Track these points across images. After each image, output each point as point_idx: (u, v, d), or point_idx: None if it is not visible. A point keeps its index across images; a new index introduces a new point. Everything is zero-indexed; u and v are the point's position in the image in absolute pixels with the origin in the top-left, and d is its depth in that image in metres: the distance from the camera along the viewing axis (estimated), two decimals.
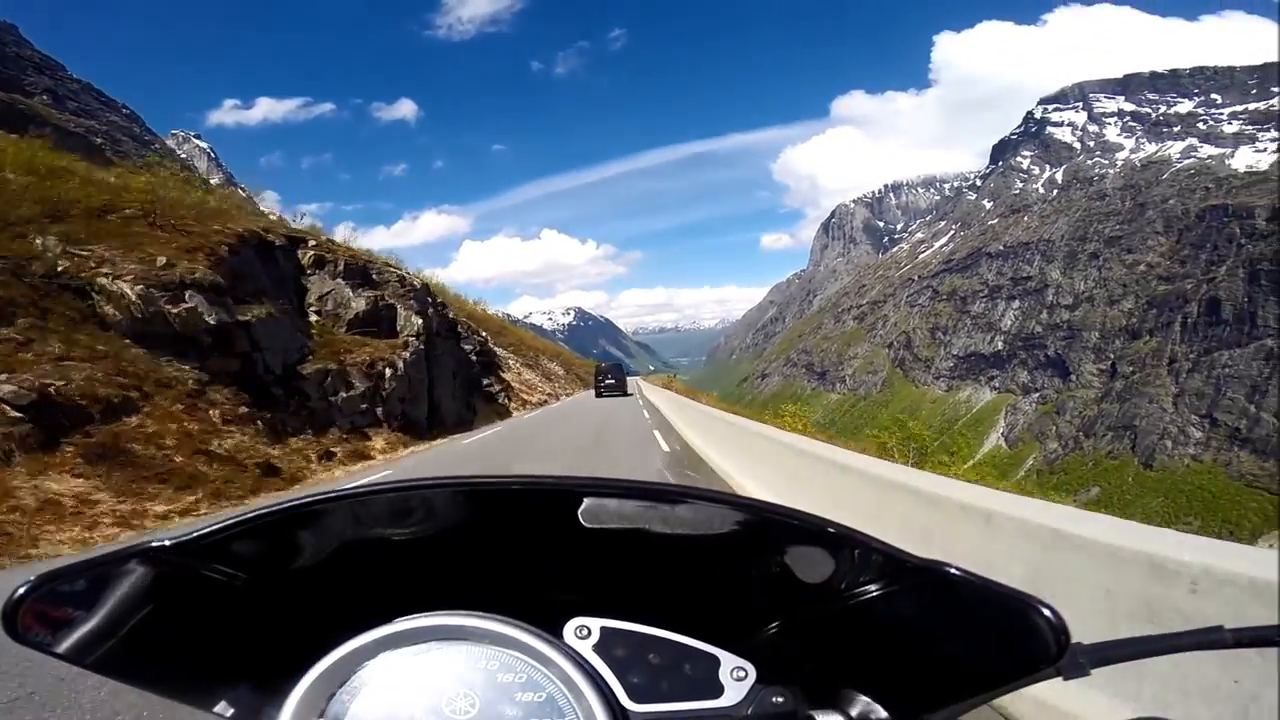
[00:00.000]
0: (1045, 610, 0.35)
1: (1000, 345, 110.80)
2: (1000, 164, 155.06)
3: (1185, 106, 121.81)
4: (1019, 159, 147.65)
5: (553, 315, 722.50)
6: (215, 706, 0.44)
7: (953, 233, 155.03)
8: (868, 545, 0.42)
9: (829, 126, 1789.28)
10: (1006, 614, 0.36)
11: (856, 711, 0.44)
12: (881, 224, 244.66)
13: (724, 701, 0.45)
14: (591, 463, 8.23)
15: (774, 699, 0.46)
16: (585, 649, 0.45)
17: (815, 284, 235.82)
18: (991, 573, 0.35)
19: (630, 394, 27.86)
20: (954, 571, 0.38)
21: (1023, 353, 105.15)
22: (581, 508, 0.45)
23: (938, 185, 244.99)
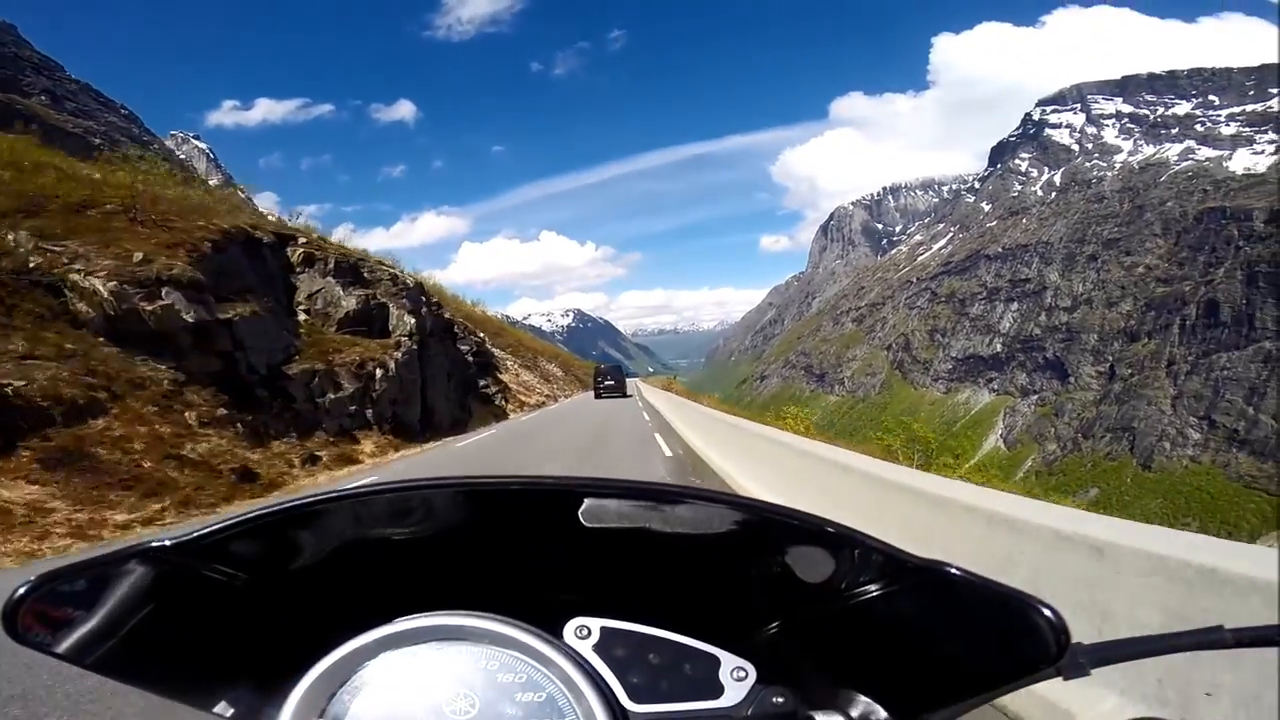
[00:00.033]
0: (1045, 610, 0.35)
1: (999, 347, 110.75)
2: (999, 166, 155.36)
3: (1183, 108, 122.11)
4: (1017, 161, 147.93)
5: (552, 317, 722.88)
6: (215, 706, 0.44)
7: (951, 235, 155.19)
8: (868, 545, 0.42)
9: (828, 128, 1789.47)
10: (1006, 614, 0.36)
11: (857, 711, 0.44)
12: (880, 226, 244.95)
13: (724, 702, 0.45)
14: (589, 469, 7.86)
15: (774, 699, 0.46)
16: (585, 649, 0.45)
17: (814, 286, 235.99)
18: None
19: (630, 395, 27.69)
20: (954, 571, 0.38)
21: (1021, 355, 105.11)
22: (582, 508, 0.46)
23: (936, 187, 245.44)
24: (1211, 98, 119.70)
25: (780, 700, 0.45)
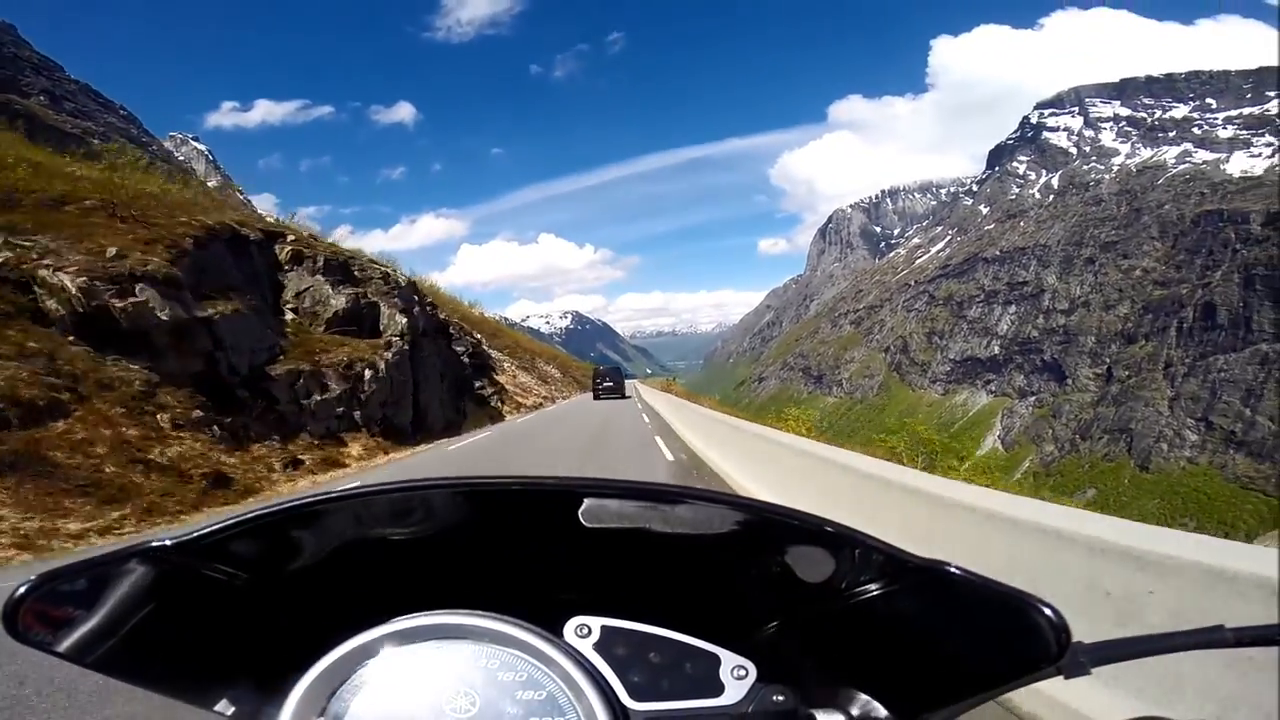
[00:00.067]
0: (1046, 609, 0.35)
1: (996, 350, 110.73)
2: (997, 169, 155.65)
3: (1181, 111, 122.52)
4: (1015, 164, 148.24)
5: (550, 319, 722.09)
6: (216, 706, 0.44)
7: (949, 238, 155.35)
8: (868, 545, 0.42)
9: (826, 131, 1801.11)
10: (1007, 613, 0.36)
11: (857, 710, 0.44)
12: (878, 229, 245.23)
13: (724, 700, 0.45)
14: (586, 474, 7.50)
15: (774, 698, 0.46)
16: (586, 648, 0.45)
17: (812, 289, 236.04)
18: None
19: (628, 397, 27.72)
20: (954, 571, 0.38)
21: (1019, 357, 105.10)
22: (582, 508, 0.46)
23: (934, 190, 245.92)
24: (1209, 101, 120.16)
25: (780, 699, 0.46)
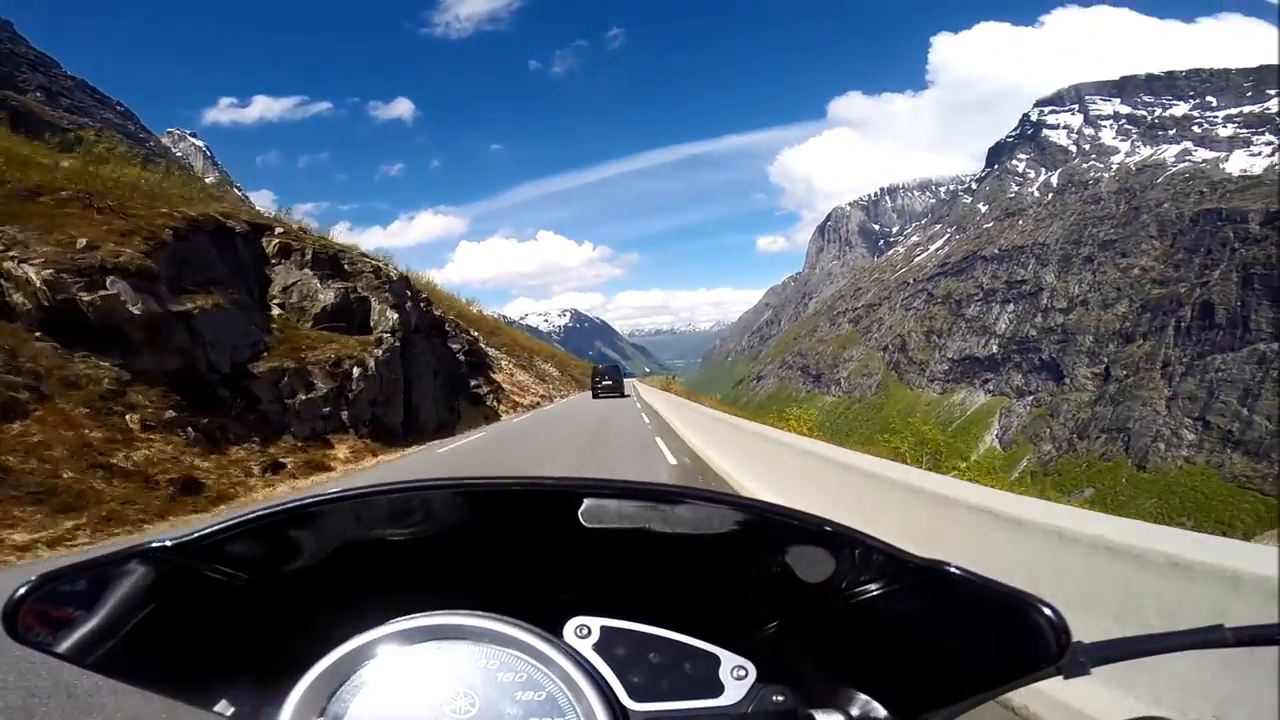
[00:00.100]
0: (1045, 609, 0.35)
1: (995, 348, 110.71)
2: (996, 167, 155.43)
3: (1181, 109, 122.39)
4: (1014, 162, 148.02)
5: (549, 317, 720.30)
6: (215, 706, 0.44)
7: (948, 236, 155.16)
8: (868, 545, 0.42)
9: (826, 128, 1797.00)
10: (1007, 613, 0.36)
11: (857, 710, 0.44)
12: (877, 227, 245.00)
13: (724, 700, 0.45)
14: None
15: (774, 698, 0.45)
16: (585, 648, 0.45)
17: (811, 287, 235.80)
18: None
19: (627, 395, 27.45)
20: (954, 571, 0.38)
21: (1017, 356, 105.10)
22: (582, 508, 0.46)
23: (933, 188, 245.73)
24: (1209, 99, 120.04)
25: (780, 699, 0.45)
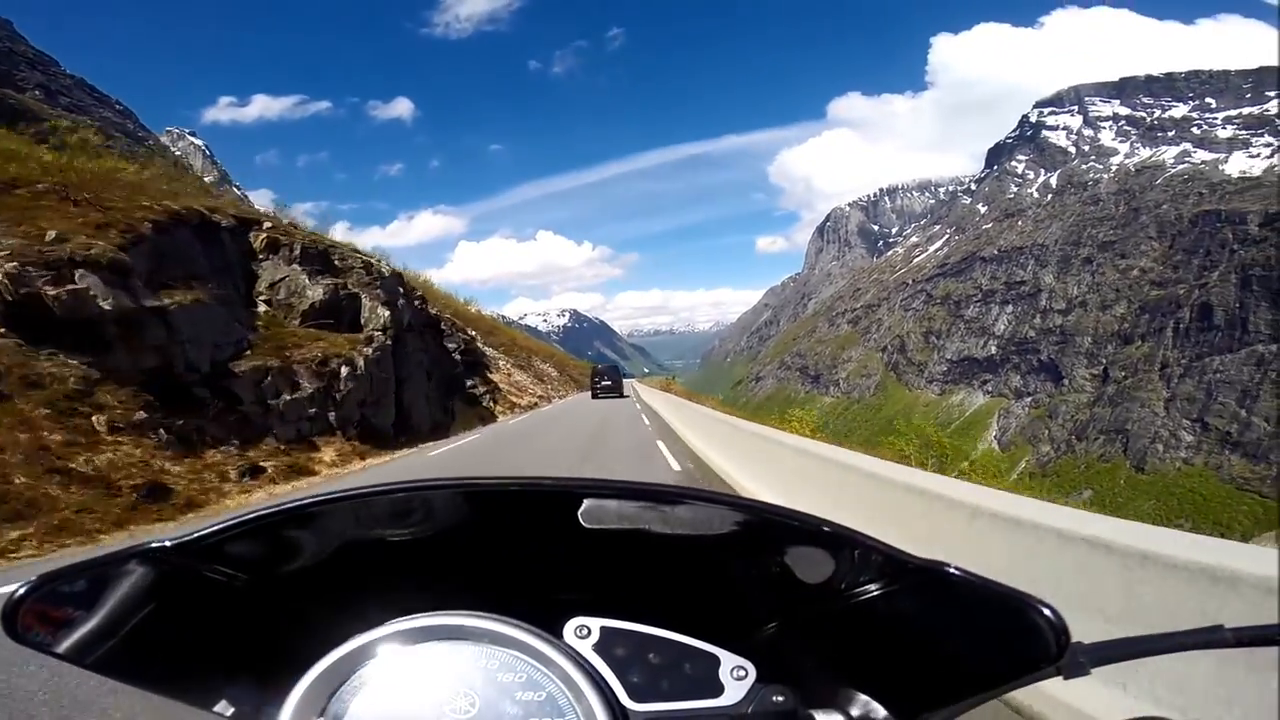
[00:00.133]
0: (1045, 610, 0.35)
1: (993, 349, 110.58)
2: (995, 168, 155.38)
3: (1180, 111, 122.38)
4: (1014, 163, 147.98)
5: (548, 317, 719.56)
6: (215, 706, 0.44)
7: (947, 237, 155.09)
8: (867, 545, 0.42)
9: (825, 129, 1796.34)
10: (1006, 613, 0.36)
11: (856, 711, 0.44)
12: (876, 228, 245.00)
13: (724, 700, 0.45)
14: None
15: (774, 698, 0.46)
16: (585, 648, 0.45)
17: (810, 287, 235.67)
18: None
19: (626, 396, 27.17)
20: (954, 571, 0.38)
21: (1015, 357, 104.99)
22: (581, 509, 0.46)
23: (933, 189, 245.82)
24: (1209, 100, 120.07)
25: (780, 699, 0.45)
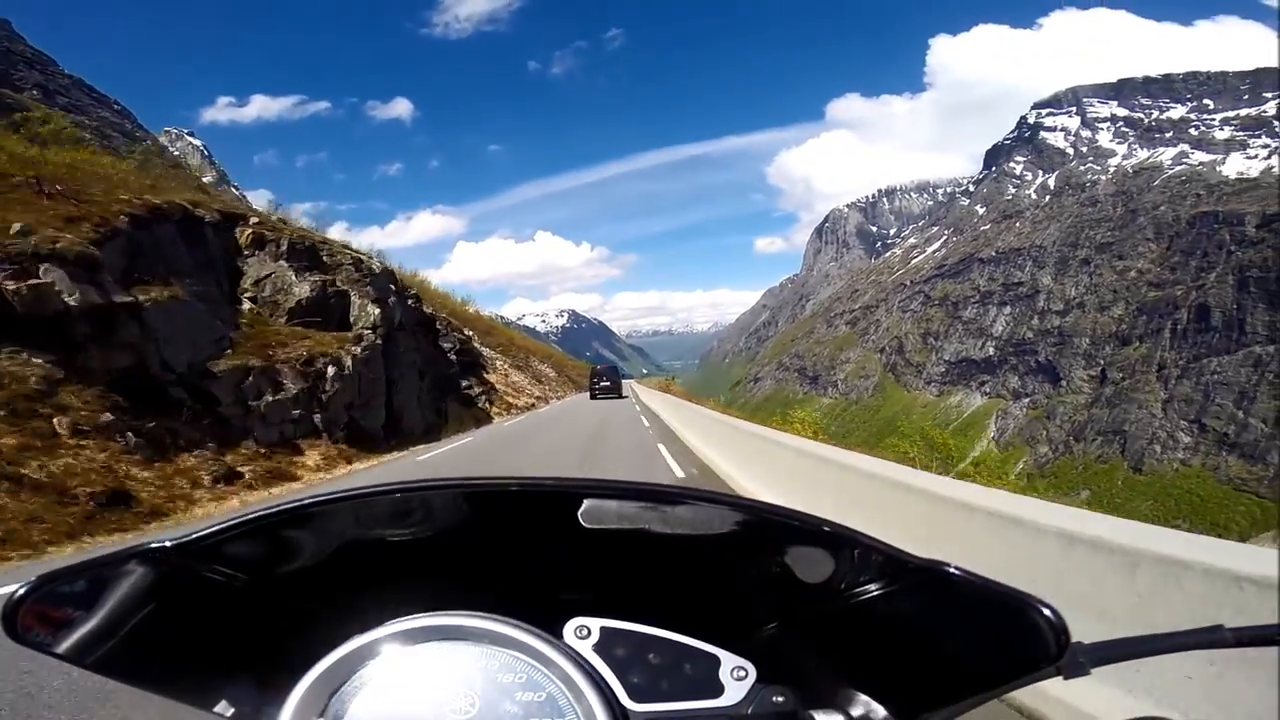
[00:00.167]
0: (1045, 610, 0.35)
1: (991, 350, 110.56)
2: (993, 169, 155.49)
3: (1178, 112, 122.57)
4: (1012, 164, 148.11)
5: (546, 317, 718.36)
6: (215, 706, 0.44)
7: (945, 238, 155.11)
8: (867, 545, 0.42)
9: (824, 130, 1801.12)
10: (1006, 613, 0.36)
11: (857, 711, 0.44)
12: (875, 229, 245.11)
13: (724, 701, 0.45)
14: None
15: (774, 698, 0.46)
16: (585, 649, 0.45)
17: (808, 288, 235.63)
18: None
19: (625, 397, 26.94)
20: (954, 571, 0.38)
21: (1014, 358, 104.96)
22: (581, 509, 0.45)
23: (931, 190, 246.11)
24: (1206, 101, 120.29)
25: (780, 699, 0.46)
